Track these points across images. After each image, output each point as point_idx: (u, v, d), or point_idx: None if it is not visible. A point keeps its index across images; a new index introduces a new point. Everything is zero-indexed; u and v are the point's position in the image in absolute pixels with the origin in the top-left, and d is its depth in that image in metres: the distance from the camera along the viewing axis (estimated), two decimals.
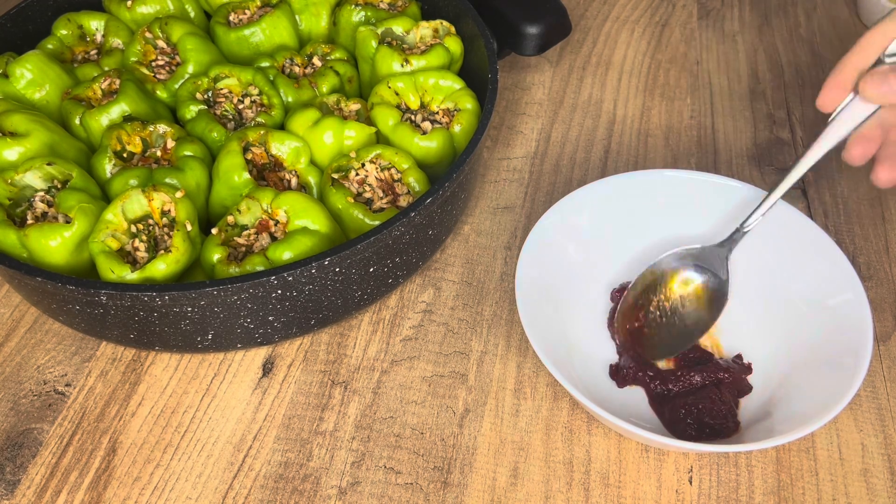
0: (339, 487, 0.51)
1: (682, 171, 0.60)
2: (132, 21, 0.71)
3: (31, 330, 0.60)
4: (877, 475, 0.51)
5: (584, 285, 0.59)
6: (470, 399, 0.55)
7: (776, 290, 0.57)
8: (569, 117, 0.77)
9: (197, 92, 0.64)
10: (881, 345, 0.58)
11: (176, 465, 0.52)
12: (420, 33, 0.68)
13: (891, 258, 0.64)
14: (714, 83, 0.81)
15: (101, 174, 0.59)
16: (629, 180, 0.60)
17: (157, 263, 0.51)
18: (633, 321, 0.55)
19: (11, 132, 0.58)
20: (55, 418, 0.55)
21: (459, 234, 0.66)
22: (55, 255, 0.53)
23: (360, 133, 0.61)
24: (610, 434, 0.53)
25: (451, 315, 0.61)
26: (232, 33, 0.68)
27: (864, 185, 0.69)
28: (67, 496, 0.51)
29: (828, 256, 0.54)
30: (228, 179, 0.58)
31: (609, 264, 0.60)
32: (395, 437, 0.54)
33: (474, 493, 0.51)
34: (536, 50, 0.72)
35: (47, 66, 0.64)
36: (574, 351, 0.56)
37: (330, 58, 0.68)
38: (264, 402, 0.56)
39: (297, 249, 0.52)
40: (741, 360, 0.56)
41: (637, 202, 0.60)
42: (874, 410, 0.54)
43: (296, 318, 0.54)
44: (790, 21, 0.89)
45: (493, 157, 0.73)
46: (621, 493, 0.51)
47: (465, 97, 0.63)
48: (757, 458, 0.52)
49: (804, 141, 0.74)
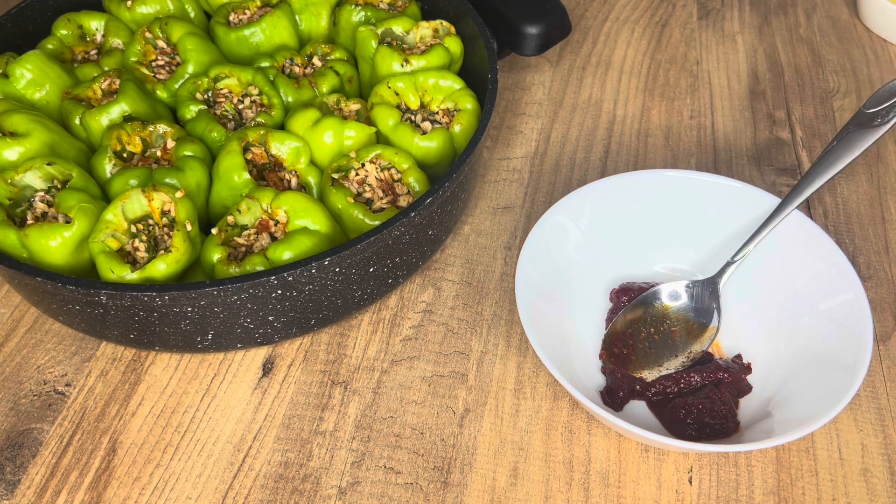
0: (339, 487, 0.51)
1: (681, 171, 0.60)
2: (132, 21, 0.71)
3: (31, 330, 0.60)
4: (877, 475, 0.51)
5: (584, 285, 0.59)
6: (470, 399, 0.55)
7: (776, 290, 0.57)
8: (569, 117, 0.77)
9: (197, 92, 0.64)
10: (881, 345, 0.58)
11: (176, 465, 0.52)
12: (420, 33, 0.68)
13: (891, 258, 0.64)
14: (714, 83, 0.81)
15: (101, 174, 0.59)
16: (629, 180, 0.60)
17: (157, 263, 0.51)
18: (622, 347, 0.56)
19: (11, 132, 0.58)
20: (55, 418, 0.55)
21: (459, 234, 0.66)
22: (55, 255, 0.53)
23: (360, 133, 0.61)
24: (610, 434, 0.53)
25: (451, 315, 0.61)
26: (232, 33, 0.68)
27: (864, 185, 0.69)
28: (67, 496, 0.51)
29: (828, 256, 0.54)
30: (228, 179, 0.58)
31: (609, 264, 0.60)
32: (395, 437, 0.54)
33: (474, 493, 0.51)
34: (536, 50, 0.72)
35: (47, 66, 0.64)
36: (574, 351, 0.56)
37: (330, 58, 0.68)
38: (264, 402, 0.56)
39: (297, 249, 0.52)
40: (741, 360, 0.55)
41: (637, 202, 0.60)
42: (874, 410, 0.54)
43: (296, 318, 0.54)
44: (790, 21, 0.89)
45: (493, 157, 0.73)
46: (621, 493, 0.51)
47: (465, 97, 0.63)
48: (757, 458, 0.52)
49: (804, 141, 0.74)
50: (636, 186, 0.60)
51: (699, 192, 0.60)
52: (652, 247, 0.61)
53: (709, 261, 0.60)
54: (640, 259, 0.61)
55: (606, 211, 0.60)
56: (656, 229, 0.61)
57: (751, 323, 0.57)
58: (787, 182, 0.70)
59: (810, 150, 0.73)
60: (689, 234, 0.60)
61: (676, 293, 0.57)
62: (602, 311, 0.59)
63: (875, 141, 0.55)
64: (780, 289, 0.57)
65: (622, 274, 0.60)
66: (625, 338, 0.56)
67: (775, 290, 0.57)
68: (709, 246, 0.60)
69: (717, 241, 0.60)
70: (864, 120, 0.57)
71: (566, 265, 0.58)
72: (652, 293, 0.57)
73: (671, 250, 0.61)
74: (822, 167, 0.56)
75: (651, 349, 0.55)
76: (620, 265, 0.61)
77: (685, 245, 0.61)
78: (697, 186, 0.60)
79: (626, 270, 0.60)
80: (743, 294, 0.58)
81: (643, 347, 0.55)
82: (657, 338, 0.55)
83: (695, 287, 0.57)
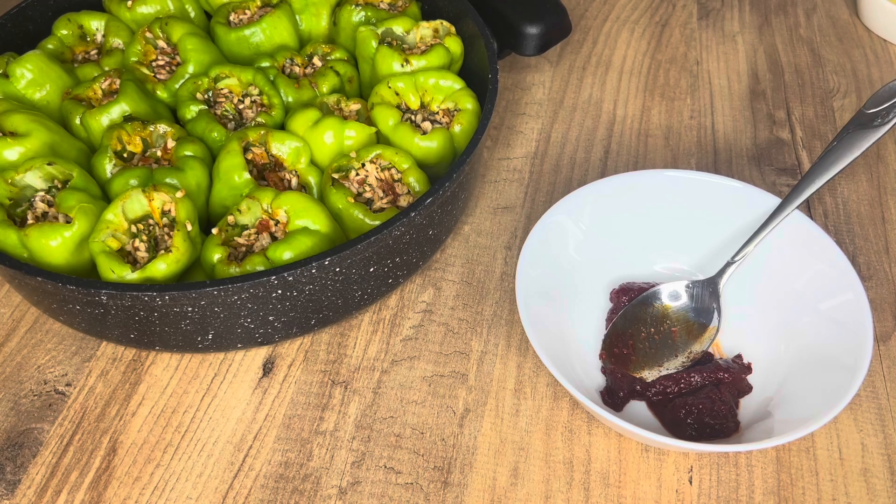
0: (339, 487, 0.51)
1: (681, 171, 0.60)
2: (132, 21, 0.71)
3: (31, 330, 0.60)
4: (877, 475, 0.51)
5: (584, 285, 0.59)
6: (470, 399, 0.55)
7: (776, 290, 0.57)
8: (569, 117, 0.77)
9: (197, 92, 0.64)
10: (881, 345, 0.58)
11: (176, 464, 0.52)
12: (420, 33, 0.68)
13: (891, 258, 0.64)
14: (714, 83, 0.81)
15: (102, 174, 0.59)
16: (629, 180, 0.60)
17: (157, 263, 0.51)
18: (622, 347, 0.56)
19: (12, 132, 0.58)
20: (55, 418, 0.55)
21: (459, 234, 0.66)
22: (55, 255, 0.53)
23: (360, 133, 0.61)
24: (610, 434, 0.53)
25: (452, 315, 0.61)
26: (232, 33, 0.68)
27: (864, 185, 0.70)
28: (68, 496, 0.51)
29: (828, 256, 0.54)
30: (229, 179, 0.58)
31: (609, 264, 0.60)
32: (396, 436, 0.54)
33: (474, 493, 0.51)
34: (536, 50, 0.72)
35: (47, 66, 0.64)
36: (574, 351, 0.56)
37: (330, 58, 0.68)
38: (264, 401, 0.56)
39: (298, 249, 0.52)
40: (741, 360, 0.56)
41: (637, 202, 0.60)
42: (874, 410, 0.54)
43: (296, 318, 0.54)
44: (790, 21, 0.89)
45: (493, 157, 0.73)
46: (621, 493, 0.51)
47: (466, 97, 0.63)
48: (757, 458, 0.52)
49: (804, 141, 0.74)
50: (636, 186, 0.60)
51: (699, 192, 0.60)
52: (652, 247, 0.61)
53: (709, 261, 0.60)
54: (640, 259, 0.61)
55: (606, 211, 0.60)
56: (656, 229, 0.61)
57: (751, 323, 0.57)
58: (787, 182, 0.70)
59: (810, 150, 0.73)
60: (689, 234, 0.60)
61: (676, 293, 0.57)
62: (602, 311, 0.59)
63: (875, 141, 0.55)
64: (780, 289, 0.57)
65: (622, 274, 0.60)
66: (625, 338, 0.56)
67: (775, 290, 0.57)
68: (709, 246, 0.60)
69: (717, 241, 0.60)
70: (864, 120, 0.57)
71: (566, 265, 0.58)
72: (652, 293, 0.57)
73: (671, 250, 0.61)
74: (823, 167, 0.56)
75: (651, 349, 0.55)
76: (620, 265, 0.61)
77: (685, 245, 0.61)
78: (697, 186, 0.60)
79: (626, 270, 0.60)
80: (743, 294, 0.58)
81: (643, 347, 0.55)
82: (657, 338, 0.55)
83: (695, 287, 0.57)
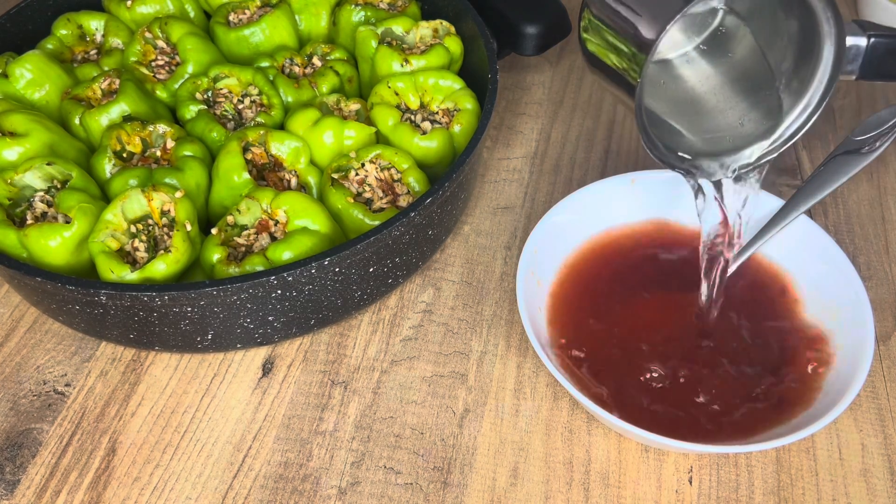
0: (338, 487, 0.51)
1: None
2: (132, 21, 0.71)
3: (30, 330, 0.60)
4: (877, 475, 0.51)
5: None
6: (470, 399, 0.55)
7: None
8: (569, 117, 0.77)
9: (197, 92, 0.64)
10: (881, 345, 0.58)
11: (176, 465, 0.52)
12: (420, 33, 0.68)
13: (891, 258, 0.64)
14: None
15: (101, 174, 0.59)
16: (629, 180, 0.60)
17: (156, 263, 0.51)
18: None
19: (11, 132, 0.58)
20: (55, 418, 0.55)
21: (459, 234, 0.66)
22: (55, 255, 0.53)
23: (359, 133, 0.61)
24: (610, 434, 0.53)
25: (451, 315, 0.61)
26: (232, 33, 0.68)
27: (864, 185, 0.69)
28: (67, 496, 0.51)
29: (828, 256, 0.54)
30: (228, 179, 0.58)
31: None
32: (395, 437, 0.54)
33: (474, 494, 0.51)
34: (536, 50, 0.72)
35: (47, 66, 0.64)
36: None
37: (330, 58, 0.68)
38: (264, 402, 0.56)
39: (297, 249, 0.52)
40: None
41: (637, 202, 0.60)
42: (874, 410, 0.54)
43: (295, 318, 0.54)
44: None
45: (493, 157, 0.73)
46: (621, 493, 0.51)
47: (465, 97, 0.63)
48: (757, 459, 0.52)
49: (804, 141, 0.74)
50: (636, 187, 0.60)
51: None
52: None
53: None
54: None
55: (606, 211, 0.60)
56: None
57: None
58: (787, 182, 0.70)
59: (810, 150, 0.73)
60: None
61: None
62: None
63: (861, 168, 0.55)
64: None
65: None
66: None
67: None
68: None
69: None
70: (852, 146, 0.57)
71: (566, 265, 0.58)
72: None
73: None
74: (808, 192, 0.55)
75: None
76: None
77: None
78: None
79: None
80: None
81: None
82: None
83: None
